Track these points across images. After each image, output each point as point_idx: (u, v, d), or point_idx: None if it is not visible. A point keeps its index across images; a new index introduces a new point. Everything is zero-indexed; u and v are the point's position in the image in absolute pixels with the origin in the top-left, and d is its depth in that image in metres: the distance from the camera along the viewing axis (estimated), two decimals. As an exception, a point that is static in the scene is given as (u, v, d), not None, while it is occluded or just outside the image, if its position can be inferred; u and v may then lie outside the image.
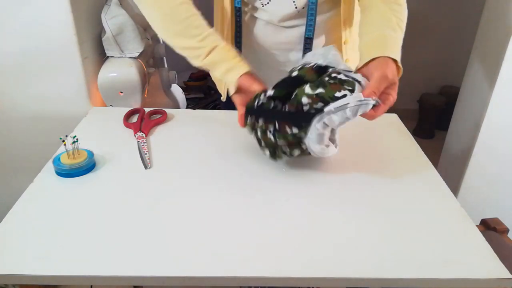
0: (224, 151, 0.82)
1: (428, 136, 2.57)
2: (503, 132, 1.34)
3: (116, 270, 0.55)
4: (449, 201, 0.70)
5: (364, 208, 0.67)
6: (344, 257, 0.57)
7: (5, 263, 0.55)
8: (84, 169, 0.74)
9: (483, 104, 1.32)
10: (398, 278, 0.55)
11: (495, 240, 0.92)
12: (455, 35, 2.49)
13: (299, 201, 0.68)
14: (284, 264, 0.56)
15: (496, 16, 1.30)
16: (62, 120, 1.18)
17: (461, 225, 0.64)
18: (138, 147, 0.82)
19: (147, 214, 0.65)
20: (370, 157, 0.81)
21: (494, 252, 0.58)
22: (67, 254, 0.57)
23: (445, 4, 2.41)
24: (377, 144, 0.86)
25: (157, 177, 0.74)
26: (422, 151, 0.84)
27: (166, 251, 0.58)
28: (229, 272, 0.55)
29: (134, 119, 0.94)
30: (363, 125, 0.94)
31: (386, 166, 0.78)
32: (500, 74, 1.25)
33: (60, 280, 0.54)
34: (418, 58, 2.59)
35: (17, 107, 1.16)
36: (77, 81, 1.13)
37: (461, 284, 0.55)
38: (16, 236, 0.60)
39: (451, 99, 1.92)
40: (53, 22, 1.06)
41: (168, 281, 0.55)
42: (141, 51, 1.23)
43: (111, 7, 1.19)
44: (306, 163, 0.78)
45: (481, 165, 1.40)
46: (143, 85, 1.22)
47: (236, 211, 0.66)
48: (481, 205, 1.46)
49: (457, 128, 1.54)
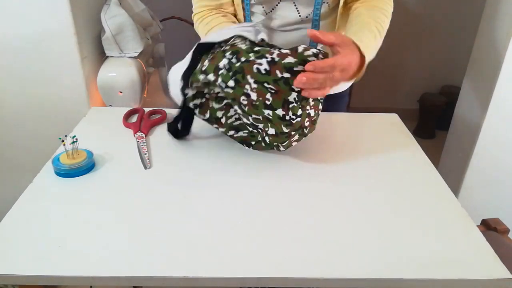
0: (224, 151, 0.82)
1: (429, 136, 2.57)
2: (504, 132, 1.34)
3: (116, 270, 0.54)
4: (449, 201, 0.69)
5: (364, 208, 0.67)
6: (344, 258, 0.57)
7: (5, 263, 0.55)
8: (83, 169, 0.74)
9: (483, 104, 1.32)
10: (398, 279, 0.54)
11: (495, 240, 0.92)
12: (455, 35, 2.49)
13: (299, 202, 0.68)
14: (284, 265, 0.56)
15: (496, 16, 1.30)
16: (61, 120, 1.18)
17: (461, 225, 0.64)
18: (138, 147, 0.82)
19: (146, 214, 0.64)
20: (370, 157, 0.81)
21: (494, 253, 0.58)
22: (67, 254, 0.56)
23: (445, 4, 2.41)
24: (377, 144, 0.86)
25: (156, 177, 0.74)
26: (422, 151, 0.84)
27: (166, 251, 0.57)
28: (229, 272, 0.55)
29: (134, 119, 0.93)
30: (363, 125, 0.94)
31: (386, 166, 0.78)
32: (501, 74, 1.25)
33: (60, 280, 0.54)
34: (418, 58, 2.59)
35: (17, 107, 1.16)
36: (77, 81, 1.13)
37: (461, 285, 0.55)
38: (16, 236, 0.59)
39: (452, 99, 1.92)
40: (53, 22, 1.06)
41: (168, 281, 0.55)
42: (140, 50, 1.23)
43: (110, 6, 1.19)
44: (306, 163, 0.78)
45: (482, 165, 1.40)
46: (142, 85, 1.22)
47: (236, 211, 0.66)
48: (482, 205, 1.46)
49: (457, 128, 1.54)
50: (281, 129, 0.71)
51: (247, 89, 0.69)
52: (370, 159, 0.81)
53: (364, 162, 0.80)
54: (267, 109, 0.69)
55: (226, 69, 0.70)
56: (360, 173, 0.76)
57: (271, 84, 0.67)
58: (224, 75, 0.70)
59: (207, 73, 0.72)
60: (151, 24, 1.38)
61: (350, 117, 0.98)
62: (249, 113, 0.72)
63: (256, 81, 0.68)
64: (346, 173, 0.76)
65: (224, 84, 0.70)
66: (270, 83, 0.67)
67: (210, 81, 0.72)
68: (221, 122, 0.79)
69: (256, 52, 0.69)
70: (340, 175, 0.75)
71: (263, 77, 0.67)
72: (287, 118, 0.69)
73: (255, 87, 0.68)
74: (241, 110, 0.73)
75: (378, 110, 1.02)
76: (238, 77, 0.69)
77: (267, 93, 0.68)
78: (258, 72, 0.67)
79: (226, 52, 0.71)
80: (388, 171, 0.77)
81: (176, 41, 2.01)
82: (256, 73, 0.67)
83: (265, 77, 0.67)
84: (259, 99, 0.69)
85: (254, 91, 0.69)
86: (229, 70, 0.69)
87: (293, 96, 0.68)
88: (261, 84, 0.68)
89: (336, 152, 0.83)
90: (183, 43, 2.15)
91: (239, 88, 0.70)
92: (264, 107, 0.69)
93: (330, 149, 0.84)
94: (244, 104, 0.71)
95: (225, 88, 0.71)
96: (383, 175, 0.75)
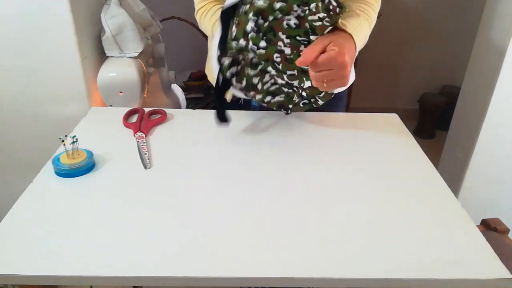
0: (224, 151, 0.82)
1: (429, 136, 2.57)
2: (504, 132, 1.34)
3: (116, 270, 0.54)
4: (449, 201, 0.69)
5: (363, 208, 0.67)
6: (344, 258, 0.57)
7: (5, 263, 0.55)
8: (83, 169, 0.74)
9: (483, 104, 1.32)
10: (398, 279, 0.55)
11: (495, 240, 0.92)
12: (455, 35, 2.49)
13: (299, 202, 0.68)
14: (284, 265, 0.56)
15: (496, 16, 1.30)
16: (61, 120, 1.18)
17: (461, 225, 0.64)
18: (138, 147, 0.82)
19: (146, 214, 0.64)
20: (370, 157, 0.81)
21: (494, 253, 0.58)
22: (67, 254, 0.56)
23: (445, 4, 2.41)
24: (377, 144, 0.86)
25: (156, 177, 0.74)
26: (422, 151, 0.84)
27: (166, 251, 0.57)
28: (229, 272, 0.55)
29: (134, 119, 0.93)
30: (363, 125, 0.94)
31: (386, 166, 0.78)
32: (501, 74, 1.25)
33: (60, 280, 0.54)
34: (418, 58, 2.59)
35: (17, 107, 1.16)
36: (77, 81, 1.13)
37: (461, 285, 0.55)
38: (16, 236, 0.59)
39: (451, 99, 1.92)
40: (53, 21, 1.05)
41: (168, 281, 0.55)
42: (140, 50, 1.23)
43: (110, 6, 1.19)
44: (306, 163, 0.78)
45: (482, 165, 1.40)
46: (142, 85, 1.22)
47: (236, 211, 0.66)
48: (482, 205, 1.46)
49: (457, 128, 1.54)
50: None
51: (280, 46, 0.72)
52: (370, 159, 0.81)
53: (364, 162, 0.79)
54: None
55: (255, 31, 0.72)
56: (360, 173, 0.76)
57: (303, 36, 0.71)
58: (254, 37, 0.72)
59: (237, 39, 0.74)
60: (151, 24, 1.38)
61: (350, 117, 0.98)
62: (283, 70, 0.75)
63: (289, 36, 0.71)
64: (346, 173, 0.76)
65: (256, 47, 0.73)
66: (302, 35, 0.71)
67: (242, 46, 0.74)
68: (257, 89, 0.82)
69: (279, 9, 0.70)
70: (340, 175, 0.75)
71: (294, 31, 0.71)
72: None
73: (288, 42, 0.72)
74: (275, 69, 0.76)
75: (378, 110, 1.02)
76: (269, 36, 0.72)
77: (300, 45, 0.72)
78: (289, 27, 0.70)
79: (248, 14, 0.71)
80: (388, 171, 0.77)
81: (176, 41, 2.01)
82: (287, 28, 0.71)
83: (297, 30, 0.71)
84: (293, 52, 0.72)
85: (287, 46, 0.72)
86: (258, 32, 0.72)
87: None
88: (293, 38, 0.71)
89: (336, 152, 0.83)
90: (183, 43, 2.16)
91: (271, 46, 0.73)
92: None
93: (330, 149, 0.84)
94: (278, 62, 0.74)
95: (257, 50, 0.73)
96: (383, 175, 0.75)
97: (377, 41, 2.49)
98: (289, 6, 0.69)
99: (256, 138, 0.86)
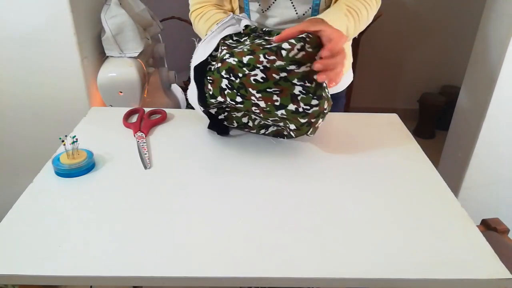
0: (224, 151, 0.82)
1: (429, 136, 2.57)
2: (503, 132, 1.34)
3: (116, 270, 0.54)
4: (449, 201, 0.69)
5: (363, 209, 0.67)
6: (344, 258, 0.57)
7: (5, 263, 0.55)
8: (83, 169, 0.74)
9: (483, 104, 1.32)
10: (398, 279, 0.54)
11: (495, 240, 0.92)
12: (455, 35, 2.49)
13: (299, 202, 0.68)
14: (284, 265, 0.56)
15: (496, 16, 1.30)
16: (61, 120, 1.18)
17: (461, 225, 0.64)
18: (138, 147, 0.82)
19: (146, 214, 0.64)
20: (370, 157, 0.81)
21: (494, 253, 0.58)
22: (67, 254, 0.56)
23: (445, 4, 2.41)
24: (377, 144, 0.86)
25: (156, 177, 0.74)
26: (422, 151, 0.84)
27: (166, 251, 0.57)
28: (229, 272, 0.55)
29: (134, 119, 0.93)
30: (363, 125, 0.94)
31: (386, 166, 0.78)
32: (500, 74, 1.25)
33: (60, 280, 0.54)
34: (418, 58, 2.59)
35: (17, 107, 1.16)
36: (77, 81, 1.13)
37: (461, 285, 0.55)
38: (16, 236, 0.59)
39: (451, 99, 1.92)
40: (53, 22, 1.06)
41: (168, 281, 0.55)
42: (140, 50, 1.23)
43: (110, 6, 1.19)
44: (306, 163, 0.78)
45: (482, 165, 1.40)
46: (142, 85, 1.22)
47: (236, 211, 0.66)
48: (482, 205, 1.46)
49: (457, 128, 1.54)
50: (300, 122, 0.73)
51: (254, 100, 0.71)
52: (370, 159, 0.81)
53: (364, 162, 0.79)
54: (279, 109, 0.71)
55: (229, 88, 0.72)
56: (360, 173, 0.76)
57: (273, 87, 0.69)
58: (230, 94, 0.73)
59: (215, 97, 0.75)
60: (151, 24, 1.38)
61: (350, 117, 0.98)
62: (265, 118, 0.76)
63: (259, 90, 0.70)
64: (346, 173, 0.76)
65: (234, 102, 0.74)
66: (272, 87, 0.69)
67: (221, 101, 0.76)
68: (249, 126, 0.84)
69: (246, 65, 0.69)
70: (340, 175, 0.75)
71: (263, 85, 0.69)
72: (300, 111, 0.71)
73: (260, 96, 0.71)
74: (258, 117, 0.78)
75: (378, 110, 1.02)
76: (242, 92, 0.72)
77: (272, 96, 0.70)
78: (256, 83, 0.69)
79: (221, 71, 0.72)
80: (388, 171, 0.77)
81: (176, 41, 2.01)
82: (255, 84, 0.69)
83: (265, 84, 0.69)
84: (268, 104, 0.71)
85: (260, 100, 0.71)
86: (231, 89, 0.72)
87: (297, 89, 0.69)
88: (264, 91, 0.70)
89: (335, 152, 0.83)
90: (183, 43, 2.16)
91: (246, 101, 0.73)
92: (275, 109, 0.72)
93: (330, 149, 0.84)
94: (257, 112, 0.74)
95: (236, 104, 0.74)
96: (383, 175, 0.75)
97: (377, 41, 2.50)
98: (255, 57, 0.68)
99: (256, 137, 0.86)
